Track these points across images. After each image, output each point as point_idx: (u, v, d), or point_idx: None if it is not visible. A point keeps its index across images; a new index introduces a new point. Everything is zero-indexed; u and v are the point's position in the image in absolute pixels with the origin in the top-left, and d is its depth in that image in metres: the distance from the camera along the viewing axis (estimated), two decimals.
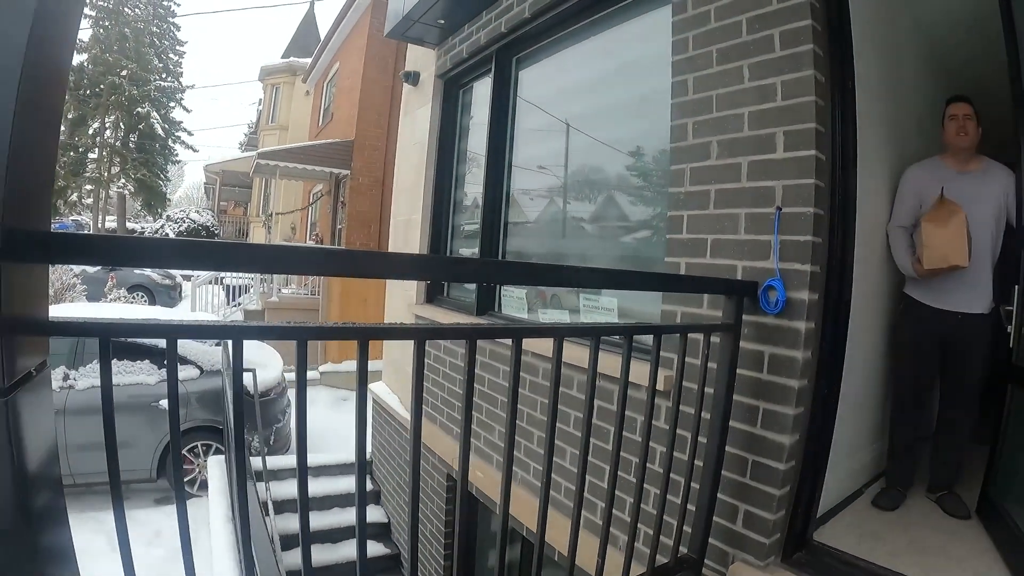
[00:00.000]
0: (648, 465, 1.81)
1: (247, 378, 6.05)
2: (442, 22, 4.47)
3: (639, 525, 1.80)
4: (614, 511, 1.77)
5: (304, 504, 1.20)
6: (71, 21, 0.85)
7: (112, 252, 0.92)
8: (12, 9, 0.71)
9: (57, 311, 6.32)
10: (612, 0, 3.01)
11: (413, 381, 1.26)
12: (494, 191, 4.01)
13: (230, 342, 1.15)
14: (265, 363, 6.91)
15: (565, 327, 1.51)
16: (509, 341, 1.42)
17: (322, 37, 19.11)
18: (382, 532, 5.38)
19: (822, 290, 1.90)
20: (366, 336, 1.16)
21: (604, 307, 2.92)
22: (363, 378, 1.18)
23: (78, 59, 26.01)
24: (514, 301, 3.83)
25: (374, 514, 5.46)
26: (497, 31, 3.85)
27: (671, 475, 1.87)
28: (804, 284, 1.85)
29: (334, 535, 4.99)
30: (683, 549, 1.97)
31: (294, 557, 4.32)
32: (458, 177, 4.83)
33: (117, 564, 1.03)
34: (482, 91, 4.41)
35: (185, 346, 6.07)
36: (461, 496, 1.43)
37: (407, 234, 5.29)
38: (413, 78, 5.47)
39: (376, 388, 5.73)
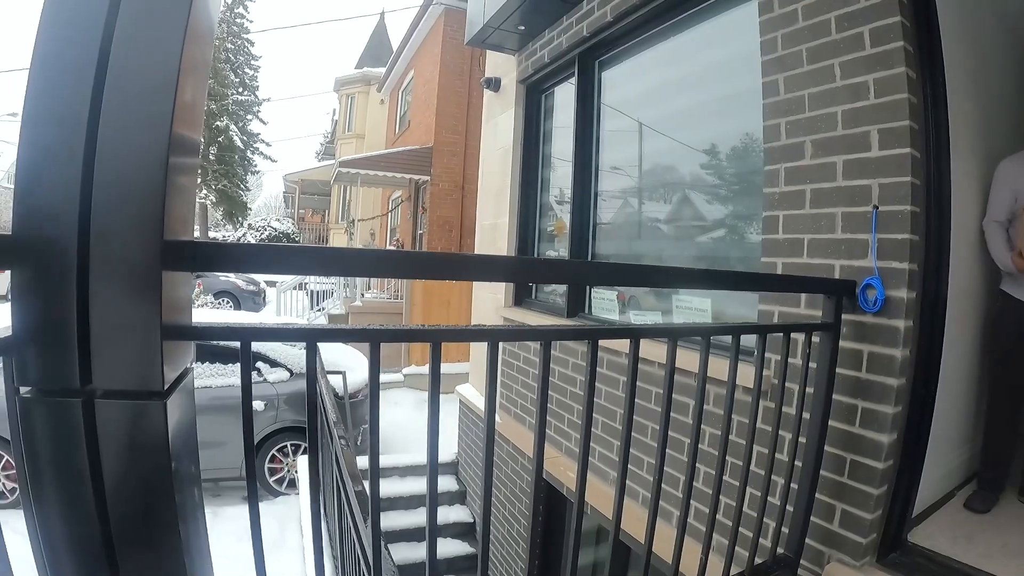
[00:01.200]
0: (750, 467, 1.90)
1: (337, 380, 6.42)
2: (522, 28, 4.64)
3: (739, 527, 1.90)
4: (699, 511, 1.86)
5: (375, 505, 1.33)
6: (206, 51, 0.93)
7: (248, 260, 1.05)
8: (166, 54, 0.78)
9: None
10: (694, 0, 3.10)
11: (487, 381, 1.32)
12: (582, 193, 4.14)
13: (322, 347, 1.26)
14: (354, 366, 7.30)
15: (679, 328, 1.61)
16: (601, 343, 1.51)
17: (394, 47, 19.74)
18: (467, 531, 5.63)
19: (919, 288, 1.95)
20: (439, 339, 1.22)
21: (697, 308, 3.01)
22: (435, 380, 1.25)
23: None
24: (605, 303, 3.96)
25: (459, 513, 5.72)
26: (579, 35, 3.99)
27: (772, 476, 1.96)
28: (902, 282, 1.91)
29: (420, 534, 5.25)
30: (780, 549, 2.05)
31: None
32: (543, 180, 4.98)
33: (216, 555, 1.13)
34: (564, 95, 4.56)
35: (276, 350, 6.47)
36: (535, 494, 1.53)
37: (494, 237, 5.49)
38: (494, 84, 5.66)
39: (463, 390, 5.97)
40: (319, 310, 13.56)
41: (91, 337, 0.77)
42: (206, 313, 10.26)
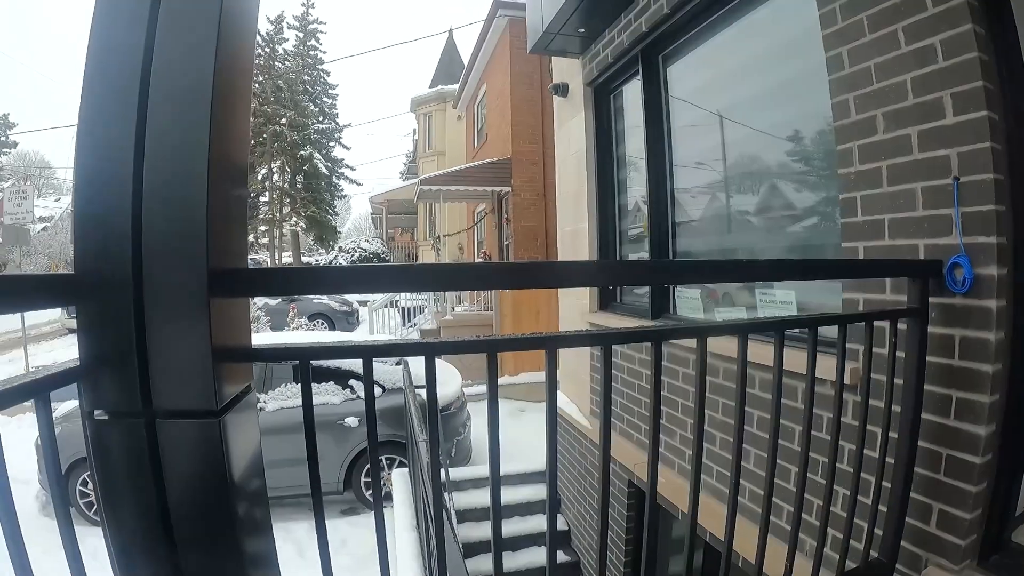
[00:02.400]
0: (837, 464, 1.82)
1: (423, 394, 6.61)
2: (582, 31, 4.65)
3: (827, 528, 1.82)
4: (802, 514, 1.80)
5: (497, 512, 1.35)
6: (245, 82, 0.99)
7: (297, 282, 1.11)
8: (196, 86, 0.85)
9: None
10: None
11: (602, 387, 1.34)
12: (657, 192, 4.10)
13: (413, 362, 1.32)
14: (445, 380, 7.49)
15: (748, 323, 1.56)
16: (685, 342, 1.51)
17: (465, 62, 20.09)
18: (562, 539, 5.64)
19: (1011, 264, 1.81)
20: (555, 345, 1.25)
21: (781, 300, 2.92)
22: (552, 387, 1.29)
23: None
24: (689, 302, 3.89)
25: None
26: (639, 31, 3.96)
27: (862, 474, 1.87)
28: (991, 258, 1.78)
29: (514, 543, 5.34)
30: (873, 553, 1.95)
31: (474, 565, 4.68)
32: (620, 182, 4.96)
33: (305, 570, 1.23)
34: (632, 93, 4.52)
35: None
36: (651, 504, 1.50)
37: (575, 243, 5.50)
38: (562, 90, 5.69)
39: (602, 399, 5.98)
40: (411, 326, 13.95)
41: (149, 362, 0.85)
42: (300, 335, 10.80)
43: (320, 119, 33.45)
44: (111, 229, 0.83)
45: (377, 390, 6.91)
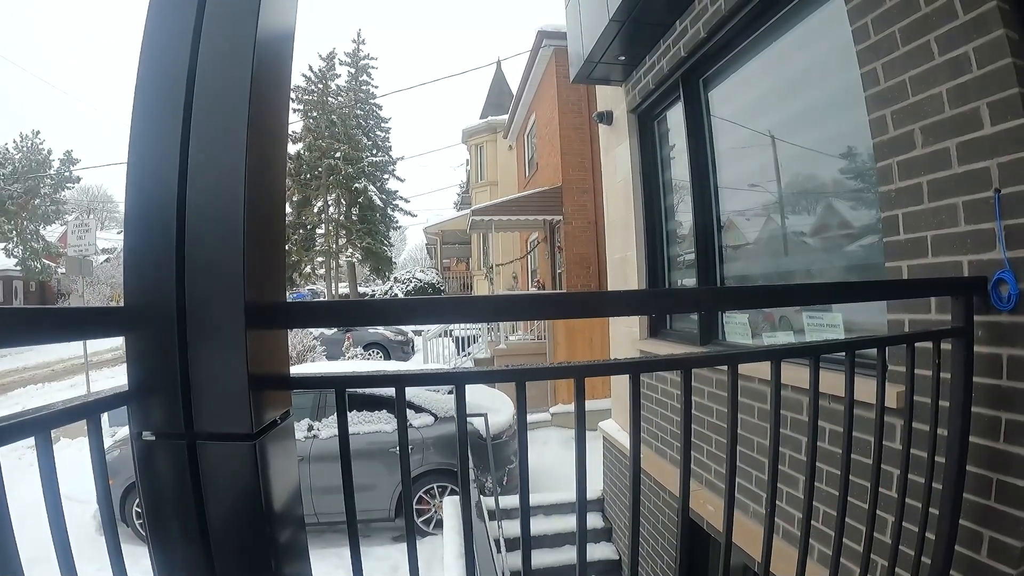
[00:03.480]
0: (881, 490, 1.76)
1: (480, 422, 6.65)
2: (623, 58, 4.69)
3: (872, 556, 1.76)
4: (845, 541, 1.74)
5: (526, 540, 1.35)
6: (280, 120, 1.05)
7: (326, 315, 1.18)
8: (232, 121, 0.92)
9: (299, 369, 7.55)
10: (782, 2, 3.01)
11: (630, 412, 1.33)
12: (703, 217, 4.08)
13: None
14: (497, 408, 7.51)
15: (781, 348, 1.53)
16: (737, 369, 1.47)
17: (514, 92, 20.41)
18: (612, 569, 5.59)
19: None
20: (582, 374, 1.26)
21: (829, 323, 2.86)
22: (580, 416, 1.28)
23: (294, 148, 31.19)
24: (737, 327, 3.84)
25: (604, 551, 5.72)
26: (678, 56, 3.98)
27: (908, 500, 1.81)
28: None
29: (566, 572, 5.27)
30: None
31: None
32: (667, 208, 4.95)
33: None
34: (675, 118, 4.53)
35: (420, 396, 6.91)
36: (682, 531, 1.47)
37: (624, 271, 5.50)
38: (607, 117, 5.74)
39: (605, 426, 5.96)
40: (466, 355, 14.04)
41: (191, 388, 0.92)
42: (354, 364, 11.16)
43: (374, 152, 34.32)
44: (157, 267, 0.91)
45: (429, 418, 6.99)
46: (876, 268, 2.49)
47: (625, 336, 5.53)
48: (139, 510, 6.77)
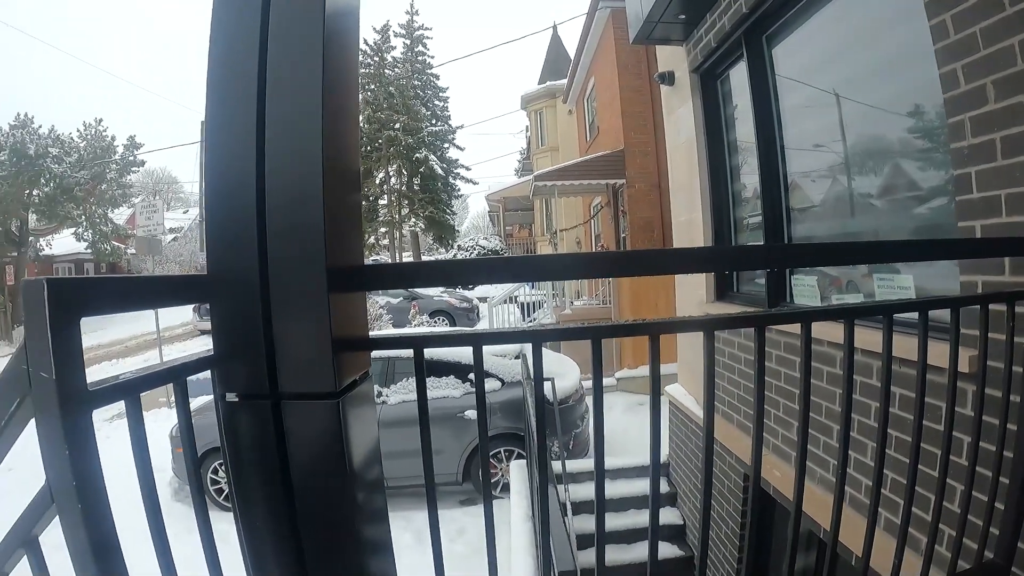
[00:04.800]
0: (953, 458, 1.75)
1: (546, 386, 6.76)
2: (683, 17, 4.63)
3: (940, 526, 1.77)
4: (914, 510, 1.75)
5: (600, 502, 1.40)
6: (352, 85, 1.07)
7: (405, 276, 1.21)
8: (308, 101, 0.94)
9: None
10: None
11: (705, 371, 1.32)
12: (769, 178, 4.03)
13: (529, 354, 1.36)
14: (564, 373, 7.62)
15: (854, 307, 1.51)
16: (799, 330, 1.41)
17: (571, 57, 20.15)
18: (677, 534, 5.63)
19: None
20: (657, 331, 1.23)
21: (900, 286, 2.82)
22: (655, 375, 1.26)
23: None
24: (805, 290, 3.80)
25: (669, 516, 5.76)
26: (740, 13, 3.91)
27: (977, 468, 1.80)
28: None
29: (629, 536, 5.35)
30: (988, 554, 1.85)
31: (589, 556, 4.74)
32: (732, 169, 4.89)
33: (423, 557, 1.26)
34: (739, 77, 4.45)
35: (487, 361, 7.03)
36: (753, 494, 1.46)
37: (690, 233, 5.48)
38: (668, 78, 5.66)
39: (671, 390, 5.98)
40: (531, 321, 14.19)
41: (276, 351, 0.96)
42: (421, 331, 11.51)
43: (433, 122, 34.58)
44: (238, 235, 0.94)
45: (495, 383, 7.16)
46: (946, 230, 2.46)
47: (691, 299, 5.52)
48: (214, 477, 7.20)
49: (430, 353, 1.31)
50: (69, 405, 0.70)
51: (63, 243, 28.08)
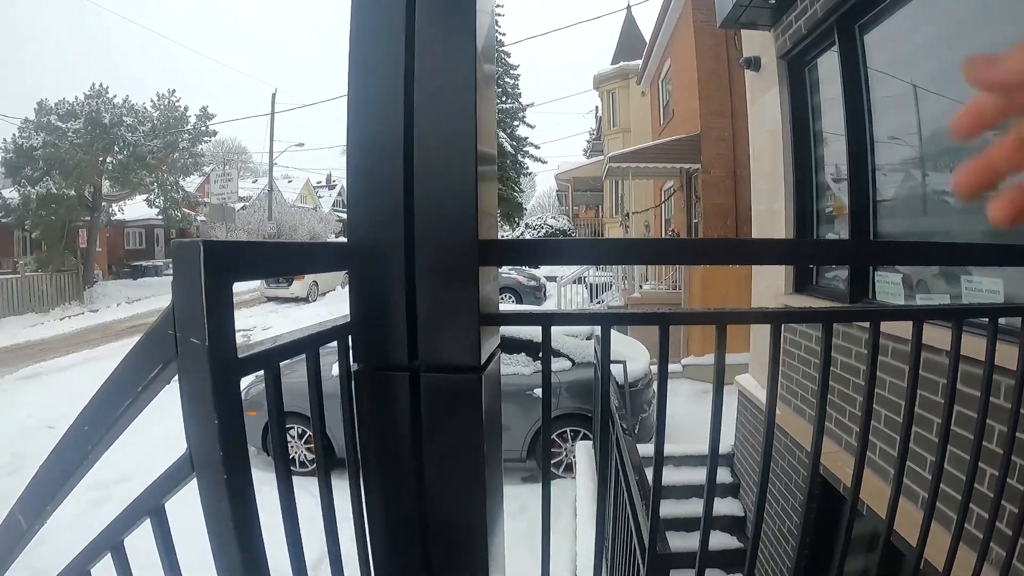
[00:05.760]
0: (1014, 458, 1.72)
1: (617, 369, 6.79)
2: (772, 2, 4.56)
3: (1020, 539, 1.75)
4: (976, 508, 1.74)
5: (657, 488, 1.47)
6: (491, 75, 1.08)
7: (540, 252, 1.12)
8: (459, 84, 0.93)
9: None
10: None
11: (769, 364, 1.31)
12: (857, 169, 3.96)
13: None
14: (634, 356, 7.64)
15: (923, 308, 1.49)
16: (885, 328, 1.38)
17: (646, 38, 19.83)
18: (737, 525, 5.61)
19: None
20: (725, 321, 1.20)
21: (988, 289, 2.77)
22: (720, 366, 1.24)
23: None
24: (889, 287, 3.75)
25: (730, 507, 5.76)
26: (832, 0, 3.83)
27: None
28: None
29: (690, 524, 5.35)
30: None
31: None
32: (817, 160, 4.81)
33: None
34: (829, 66, 4.37)
35: (558, 340, 7.17)
36: (809, 493, 1.44)
37: (771, 223, 5.43)
38: (754, 63, 5.58)
39: (741, 380, 5.96)
40: (598, 302, 14.21)
41: (418, 322, 0.95)
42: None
43: (503, 99, 34.60)
44: (382, 204, 0.94)
45: (566, 363, 7.25)
46: None
47: (769, 290, 5.47)
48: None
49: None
50: (221, 373, 0.67)
51: (134, 209, 29.15)
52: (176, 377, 0.70)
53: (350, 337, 0.97)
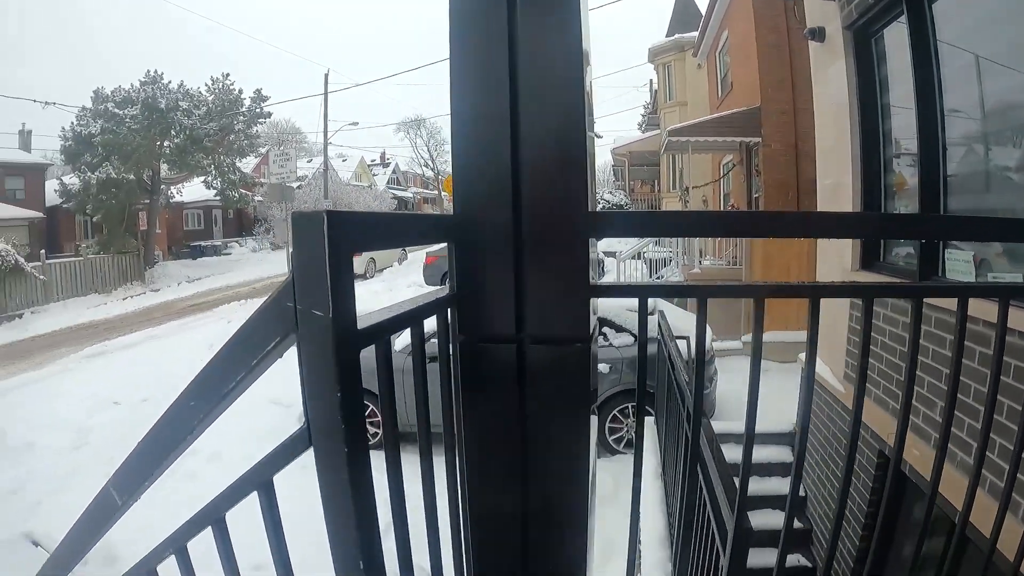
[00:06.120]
0: None
1: (681, 345, 6.79)
2: None
3: None
4: None
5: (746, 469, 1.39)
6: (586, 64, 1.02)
7: (636, 225, 1.24)
8: (566, 73, 0.93)
9: None
10: None
11: (860, 343, 1.26)
12: (926, 144, 3.86)
13: (667, 309, 1.33)
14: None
15: (967, 286, 1.42)
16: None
17: (701, 9, 19.35)
18: (796, 504, 5.54)
19: None
20: (763, 294, 1.17)
21: None
22: (758, 343, 1.20)
23: None
24: (960, 264, 3.66)
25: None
26: None
27: None
28: None
29: (750, 503, 5.34)
30: None
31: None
32: (885, 133, 4.70)
33: None
34: (897, 36, 4.25)
35: (620, 316, 7.23)
36: (893, 474, 1.39)
37: (837, 198, 5.33)
38: (819, 34, 5.45)
39: (805, 357, 5.86)
40: (657, 278, 14.13)
41: (526, 295, 0.95)
42: None
43: None
44: (489, 179, 0.94)
45: (628, 338, 7.28)
46: None
47: (835, 266, 5.37)
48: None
49: None
50: (343, 345, 0.66)
51: (192, 191, 30.12)
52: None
53: (447, 311, 0.96)
